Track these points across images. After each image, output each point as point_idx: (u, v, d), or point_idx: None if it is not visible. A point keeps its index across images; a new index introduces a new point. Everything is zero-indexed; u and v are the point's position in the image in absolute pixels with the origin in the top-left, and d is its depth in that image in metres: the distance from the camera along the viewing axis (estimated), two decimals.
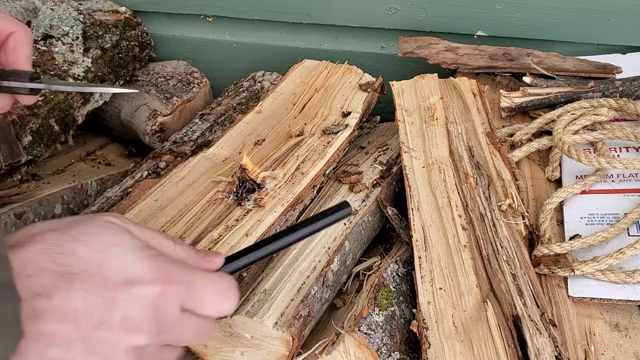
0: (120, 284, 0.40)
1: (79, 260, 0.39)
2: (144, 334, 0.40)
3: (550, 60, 0.92)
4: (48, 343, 0.38)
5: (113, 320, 0.39)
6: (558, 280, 0.68)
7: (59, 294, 0.38)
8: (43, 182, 0.93)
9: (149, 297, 0.40)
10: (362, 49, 1.10)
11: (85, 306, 0.39)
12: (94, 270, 0.39)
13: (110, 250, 0.41)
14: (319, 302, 0.64)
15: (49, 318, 0.38)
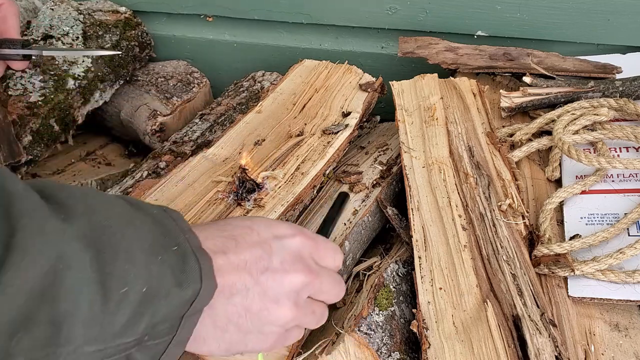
0: (272, 238, 0.48)
1: (236, 227, 0.48)
2: (299, 272, 0.48)
3: (550, 60, 0.92)
4: (231, 291, 0.45)
5: (274, 265, 0.47)
6: (558, 280, 0.68)
7: (231, 251, 0.46)
8: None
9: (294, 245, 0.49)
10: (362, 49, 1.10)
11: (252, 257, 0.46)
12: (249, 231, 0.48)
13: (255, 219, 0.51)
14: None
15: (228, 271, 0.45)
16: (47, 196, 0.38)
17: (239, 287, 0.46)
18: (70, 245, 0.36)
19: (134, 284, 0.38)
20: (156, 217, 0.43)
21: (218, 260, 0.44)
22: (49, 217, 0.36)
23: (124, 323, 0.38)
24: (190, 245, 0.43)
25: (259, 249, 0.47)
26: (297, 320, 0.49)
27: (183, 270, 0.41)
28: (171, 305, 0.40)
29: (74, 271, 0.36)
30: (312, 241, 0.51)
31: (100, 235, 0.38)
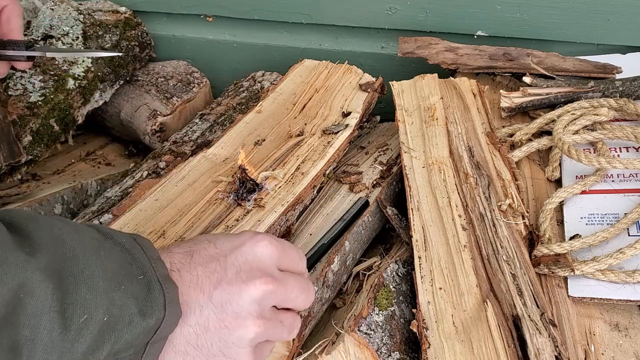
0: (229, 249, 0.47)
1: (196, 243, 0.48)
2: (258, 282, 0.46)
3: (550, 60, 0.92)
4: (184, 311, 0.44)
5: (229, 277, 0.46)
6: (558, 280, 0.68)
7: (184, 268, 0.45)
8: (43, 182, 0.93)
9: (253, 253, 0.47)
10: (362, 49, 1.10)
11: (205, 272, 0.46)
12: (206, 245, 0.48)
13: (216, 235, 0.51)
14: (319, 302, 0.64)
15: (181, 289, 0.44)
16: (14, 228, 0.39)
17: (192, 305, 0.44)
18: (33, 275, 0.37)
19: (94, 312, 0.39)
20: (125, 246, 0.44)
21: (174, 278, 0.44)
22: (13, 249, 0.37)
23: (85, 350, 0.39)
24: (156, 274, 0.43)
25: (213, 262, 0.46)
26: (264, 335, 0.47)
27: (147, 299, 0.42)
28: (134, 333, 0.41)
29: (35, 300, 0.37)
30: (274, 247, 0.49)
31: (63, 266, 0.39)
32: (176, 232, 0.65)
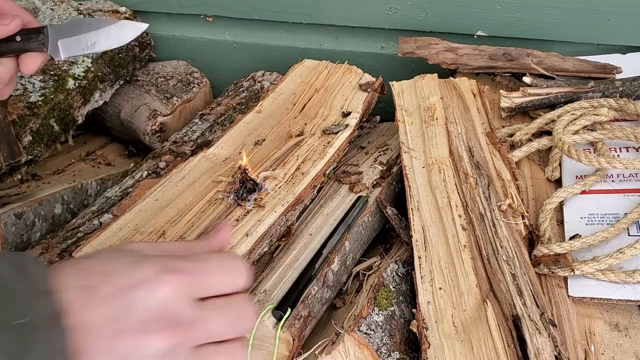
0: (129, 288, 0.40)
1: (92, 273, 0.40)
2: (161, 334, 0.39)
3: (550, 60, 0.92)
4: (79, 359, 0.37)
5: (130, 325, 0.39)
6: (558, 280, 0.68)
7: (84, 306, 0.38)
8: (43, 182, 0.93)
9: (156, 296, 0.40)
10: (362, 49, 1.10)
11: (103, 316, 0.39)
12: (105, 279, 0.40)
13: (119, 259, 0.42)
14: (319, 302, 0.64)
15: (76, 334, 0.37)
16: None
17: (90, 355, 0.38)
18: None
19: None
20: (4, 281, 0.37)
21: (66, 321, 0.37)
22: None
23: None
24: (39, 316, 0.36)
25: (112, 305, 0.39)
26: None
27: (25, 349, 0.35)
28: None
29: None
30: (188, 277, 0.41)
31: None
32: (176, 232, 0.65)
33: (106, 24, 0.66)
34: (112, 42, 0.66)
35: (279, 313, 0.59)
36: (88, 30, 0.66)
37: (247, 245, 0.63)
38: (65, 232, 0.76)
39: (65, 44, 0.65)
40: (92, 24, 0.66)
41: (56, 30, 0.65)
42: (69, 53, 0.65)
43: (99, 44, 0.66)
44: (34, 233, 0.78)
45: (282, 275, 0.65)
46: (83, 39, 0.66)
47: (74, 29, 0.66)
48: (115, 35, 0.66)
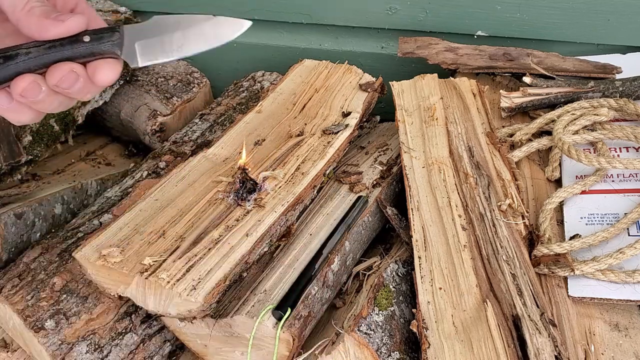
0: None
1: None
2: None
3: (550, 60, 0.92)
4: None
5: None
6: (558, 280, 0.68)
7: None
8: (43, 182, 0.93)
9: None
10: (362, 49, 1.10)
11: None
12: None
13: None
14: (319, 302, 0.64)
15: None
16: None
17: None
18: None
19: None
20: None
21: None
22: None
23: None
24: None
25: None
26: None
27: None
28: None
29: None
30: None
31: None
32: (176, 232, 0.65)
33: (197, 22, 0.55)
34: (204, 44, 0.55)
35: (279, 313, 0.59)
36: (174, 30, 0.54)
37: (247, 245, 0.63)
38: (65, 232, 0.76)
39: (144, 46, 0.52)
40: (179, 22, 0.54)
41: (133, 30, 0.52)
42: (149, 58, 0.52)
43: (188, 47, 0.54)
44: (34, 233, 0.78)
45: (282, 275, 0.65)
46: (167, 41, 0.53)
47: (155, 28, 0.53)
48: (209, 35, 0.55)
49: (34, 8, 0.48)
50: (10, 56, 0.48)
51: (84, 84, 0.50)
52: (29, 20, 0.48)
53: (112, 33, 0.51)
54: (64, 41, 0.49)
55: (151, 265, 0.61)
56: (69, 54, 0.49)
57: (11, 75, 0.48)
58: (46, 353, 0.63)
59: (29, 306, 0.65)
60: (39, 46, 0.49)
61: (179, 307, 0.59)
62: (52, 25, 0.48)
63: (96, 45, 0.50)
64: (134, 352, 0.67)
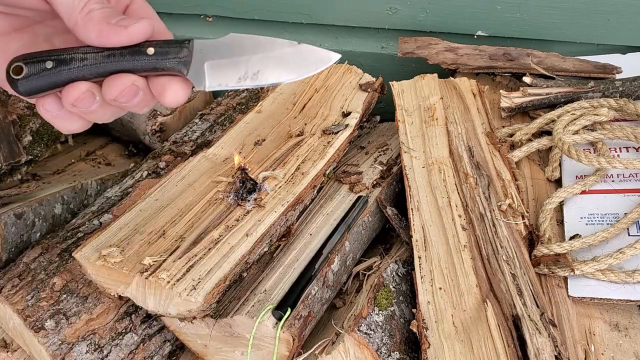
0: None
1: None
2: None
3: (550, 60, 0.92)
4: None
5: None
6: (558, 280, 0.68)
7: None
8: (43, 182, 0.93)
9: None
10: (362, 49, 1.10)
11: None
12: None
13: None
14: (319, 302, 0.64)
15: None
16: None
17: None
18: None
19: None
20: None
21: None
22: None
23: None
24: None
25: None
26: None
27: None
28: None
29: None
30: None
31: None
32: (176, 232, 0.65)
33: (279, 47, 0.46)
34: (284, 74, 0.46)
35: (279, 313, 0.59)
36: (251, 53, 0.46)
37: (247, 245, 0.63)
38: (65, 232, 0.76)
39: (214, 67, 0.46)
40: (258, 44, 0.46)
41: (204, 47, 0.46)
42: (218, 81, 0.46)
43: (264, 74, 0.46)
44: (34, 233, 0.78)
45: (282, 275, 0.65)
46: (242, 65, 0.46)
47: (230, 48, 0.46)
48: (290, 65, 0.46)
49: (92, 11, 0.43)
50: (64, 60, 0.44)
51: (143, 98, 0.45)
52: (86, 26, 0.43)
53: (180, 48, 0.45)
54: (124, 51, 0.44)
55: (151, 265, 0.61)
56: (129, 66, 0.44)
57: (63, 81, 0.44)
58: (46, 353, 0.63)
59: (29, 306, 0.65)
60: (96, 53, 0.44)
61: (179, 307, 0.59)
62: (113, 32, 0.43)
63: (160, 61, 0.44)
64: (134, 352, 0.67)
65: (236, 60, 0.46)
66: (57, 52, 0.44)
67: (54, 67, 0.44)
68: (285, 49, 0.46)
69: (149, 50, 0.44)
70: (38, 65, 0.44)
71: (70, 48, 0.44)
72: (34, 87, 0.44)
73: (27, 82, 0.44)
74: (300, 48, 0.46)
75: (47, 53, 0.44)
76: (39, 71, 0.44)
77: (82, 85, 0.44)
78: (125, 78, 0.44)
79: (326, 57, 0.47)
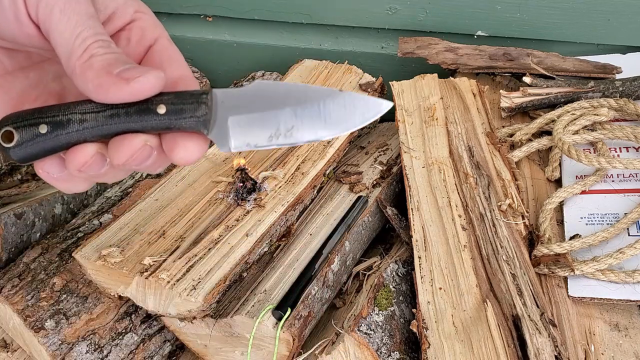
0: None
1: None
2: None
3: (550, 60, 0.92)
4: None
5: None
6: (558, 280, 0.68)
7: None
8: (43, 182, 0.93)
9: None
10: (362, 49, 1.10)
11: None
12: None
13: None
14: (319, 302, 0.64)
15: None
16: None
17: None
18: None
19: None
20: None
21: None
22: None
23: None
24: None
25: None
26: None
27: None
28: None
29: None
30: None
31: None
32: (176, 232, 0.65)
33: (317, 97, 0.38)
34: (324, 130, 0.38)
35: (279, 313, 0.59)
36: (283, 105, 0.38)
37: (247, 245, 0.63)
38: (65, 232, 0.76)
39: (240, 124, 0.38)
40: (289, 93, 0.38)
41: (226, 97, 0.38)
42: (245, 142, 0.38)
43: (300, 131, 0.38)
44: (34, 233, 0.78)
45: (282, 275, 0.65)
46: (273, 120, 0.38)
47: (257, 99, 0.38)
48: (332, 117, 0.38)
49: (93, 57, 0.36)
50: (60, 123, 0.37)
51: (157, 158, 0.38)
52: (84, 75, 0.36)
53: (197, 105, 0.37)
54: (130, 109, 0.37)
55: (151, 265, 0.61)
56: (137, 126, 0.37)
57: (61, 146, 0.37)
58: (46, 353, 0.63)
59: (29, 306, 0.65)
60: (97, 112, 0.37)
61: (179, 307, 0.59)
62: (114, 86, 0.35)
63: (175, 121, 0.37)
64: (134, 352, 0.67)
65: (265, 115, 0.38)
66: (51, 112, 0.37)
67: (49, 131, 0.37)
68: (325, 99, 0.38)
69: (159, 108, 0.37)
70: (31, 130, 0.37)
71: (66, 106, 0.38)
72: (28, 154, 0.38)
73: (20, 150, 0.37)
74: (342, 97, 0.38)
75: (39, 114, 0.37)
76: (32, 137, 0.37)
77: (89, 149, 0.37)
78: (135, 139, 0.37)
79: (375, 107, 0.38)
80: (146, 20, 0.41)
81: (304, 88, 0.39)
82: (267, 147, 0.38)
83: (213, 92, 0.38)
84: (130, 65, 0.36)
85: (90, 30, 0.37)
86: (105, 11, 0.40)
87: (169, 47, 0.41)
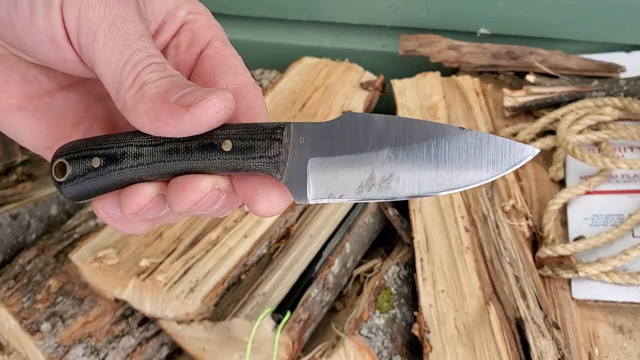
0: None
1: None
2: None
3: (554, 58, 0.91)
4: None
5: None
6: (562, 282, 0.67)
7: None
8: (39, 183, 0.92)
9: None
10: (363, 47, 1.09)
11: None
12: None
13: None
14: (319, 305, 0.63)
15: None
16: None
17: None
18: None
19: None
20: None
21: None
22: None
23: None
24: None
25: None
26: None
27: None
28: None
29: None
30: None
31: None
32: (173, 233, 0.64)
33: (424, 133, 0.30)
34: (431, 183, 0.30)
35: (278, 316, 0.59)
36: (381, 146, 0.30)
37: (245, 247, 0.62)
38: (62, 234, 0.76)
39: (322, 168, 0.31)
40: (388, 129, 0.30)
41: (307, 134, 0.31)
42: (327, 192, 0.31)
43: (401, 182, 0.30)
44: (29, 234, 0.77)
45: (281, 277, 0.64)
46: (365, 165, 0.30)
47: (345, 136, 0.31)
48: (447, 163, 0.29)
49: (146, 85, 0.30)
50: (113, 157, 0.32)
51: (227, 202, 0.32)
52: (137, 108, 0.30)
53: (271, 142, 0.30)
54: (190, 145, 0.31)
55: (148, 267, 0.60)
56: (199, 165, 0.31)
57: (115, 183, 0.33)
58: (42, 356, 0.63)
59: (24, 308, 0.65)
60: (153, 146, 0.31)
61: (176, 309, 0.59)
62: (172, 116, 0.29)
63: (242, 161, 0.31)
64: (130, 355, 0.66)
65: (357, 158, 0.30)
66: (105, 143, 0.32)
67: (102, 166, 0.32)
68: (442, 137, 0.28)
69: (224, 144, 0.31)
70: (83, 163, 0.32)
71: (121, 136, 0.32)
72: (81, 192, 0.33)
73: (72, 187, 0.33)
74: (464, 137, 0.28)
75: (93, 144, 0.33)
76: (84, 171, 0.32)
77: (147, 190, 0.32)
78: (201, 182, 0.31)
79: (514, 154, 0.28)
80: (198, 22, 0.35)
81: (408, 123, 0.30)
82: (354, 200, 0.31)
83: (290, 125, 0.31)
84: (190, 89, 0.30)
85: (140, 54, 0.30)
86: (155, 20, 0.35)
87: (222, 50, 0.35)
